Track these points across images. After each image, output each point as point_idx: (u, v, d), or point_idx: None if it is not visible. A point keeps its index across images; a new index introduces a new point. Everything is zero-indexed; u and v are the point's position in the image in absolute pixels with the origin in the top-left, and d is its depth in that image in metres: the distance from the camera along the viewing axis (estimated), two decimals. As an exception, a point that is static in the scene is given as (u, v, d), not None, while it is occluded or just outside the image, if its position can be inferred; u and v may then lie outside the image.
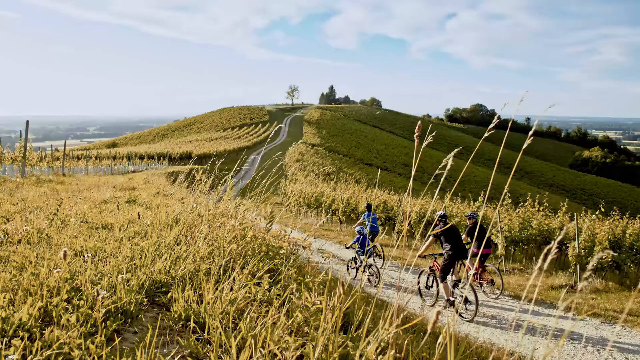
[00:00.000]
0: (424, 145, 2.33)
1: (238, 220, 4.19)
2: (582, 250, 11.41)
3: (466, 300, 8.65)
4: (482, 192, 18.51)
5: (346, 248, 12.49)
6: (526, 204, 14.78)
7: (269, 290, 2.96)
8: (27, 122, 15.31)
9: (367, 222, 13.30)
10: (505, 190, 2.67)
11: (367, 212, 13.62)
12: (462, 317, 8.70)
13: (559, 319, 8.86)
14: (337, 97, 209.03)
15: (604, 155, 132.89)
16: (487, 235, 10.57)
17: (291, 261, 3.44)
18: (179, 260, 3.25)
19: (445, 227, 8.82)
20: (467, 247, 9.93)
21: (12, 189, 9.95)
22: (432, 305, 9.30)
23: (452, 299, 8.71)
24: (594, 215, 13.39)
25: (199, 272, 3.11)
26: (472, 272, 10.36)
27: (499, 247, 13.20)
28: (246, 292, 2.83)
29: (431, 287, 9.49)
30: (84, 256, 3.27)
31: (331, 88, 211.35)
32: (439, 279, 9.01)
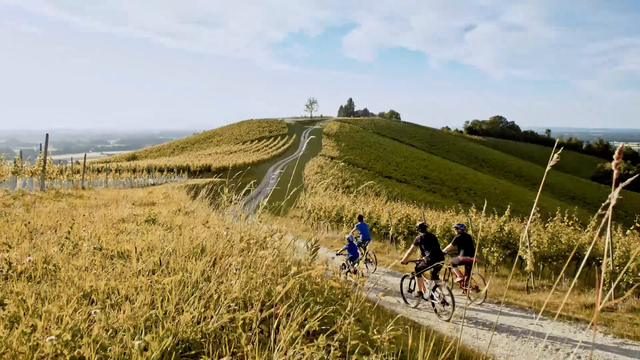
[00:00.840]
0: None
1: (276, 249, 3.54)
2: (617, 267, 10.55)
3: (444, 302, 9.05)
4: (509, 207, 17.74)
5: (337, 254, 12.87)
6: (555, 218, 14.04)
7: (328, 351, 2.29)
8: (47, 135, 15.02)
9: (359, 232, 14.49)
10: (535, 205, 2.25)
11: (359, 223, 14.76)
12: (440, 316, 9.15)
13: (597, 340, 8.15)
14: (355, 109, 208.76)
15: (627, 167, 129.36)
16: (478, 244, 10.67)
17: (348, 305, 2.77)
18: (209, 307, 2.60)
19: (424, 235, 9.47)
20: (457, 255, 10.82)
21: (30, 204, 9.51)
22: (415, 307, 9.80)
23: (424, 293, 9.53)
24: (628, 231, 12.61)
25: (235, 322, 2.46)
26: (458, 279, 11.03)
27: (528, 263, 12.40)
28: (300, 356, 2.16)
29: (413, 290, 10.10)
30: (92, 300, 2.65)
31: (350, 101, 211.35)
32: (415, 276, 9.75)
